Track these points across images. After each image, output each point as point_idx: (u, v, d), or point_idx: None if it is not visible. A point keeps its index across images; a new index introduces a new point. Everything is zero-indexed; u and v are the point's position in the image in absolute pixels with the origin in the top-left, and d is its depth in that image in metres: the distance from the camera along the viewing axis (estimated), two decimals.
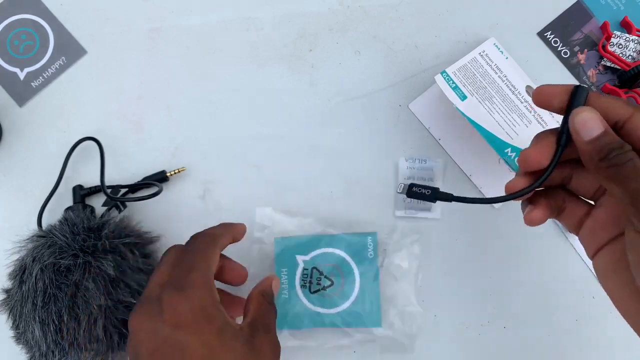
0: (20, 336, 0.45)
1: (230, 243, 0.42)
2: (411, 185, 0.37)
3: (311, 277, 0.49)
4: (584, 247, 0.35)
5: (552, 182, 0.35)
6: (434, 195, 0.36)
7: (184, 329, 0.33)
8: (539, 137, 0.34)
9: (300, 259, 0.50)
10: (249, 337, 0.36)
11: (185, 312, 0.34)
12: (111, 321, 0.44)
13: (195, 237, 0.40)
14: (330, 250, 0.50)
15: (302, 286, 0.49)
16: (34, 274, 0.43)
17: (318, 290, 0.49)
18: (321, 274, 0.49)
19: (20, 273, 0.44)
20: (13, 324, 0.45)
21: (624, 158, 0.28)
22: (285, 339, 0.49)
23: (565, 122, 0.32)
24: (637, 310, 0.30)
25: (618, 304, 0.32)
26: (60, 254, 0.43)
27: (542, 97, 0.33)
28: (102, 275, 0.43)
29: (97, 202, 0.52)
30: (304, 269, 0.49)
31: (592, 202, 0.35)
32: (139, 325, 0.35)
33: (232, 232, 0.42)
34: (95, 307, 0.43)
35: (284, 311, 0.49)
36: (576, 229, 0.35)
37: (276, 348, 0.38)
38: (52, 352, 0.43)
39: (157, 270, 0.38)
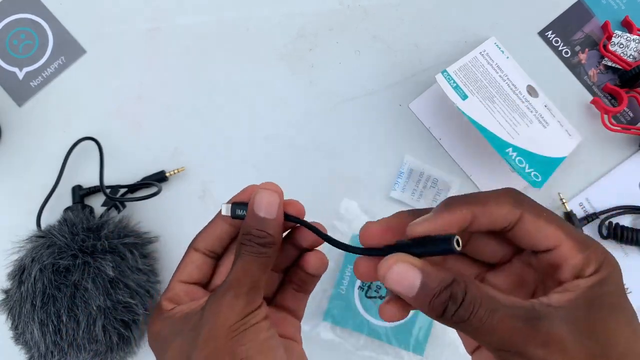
0: (20, 337, 0.45)
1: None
2: (235, 206, 0.28)
3: (371, 283, 0.50)
4: (464, 342, 0.31)
5: None
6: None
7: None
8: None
9: None
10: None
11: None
12: (110, 322, 0.43)
13: None
14: None
15: (360, 288, 0.50)
16: (33, 275, 0.43)
17: (374, 298, 0.50)
18: None
19: (19, 273, 0.44)
20: (12, 324, 0.45)
21: (464, 314, 0.22)
22: (325, 330, 0.49)
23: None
24: None
25: None
26: (59, 254, 0.43)
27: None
28: (102, 275, 0.43)
29: (97, 202, 0.52)
30: None
31: None
32: None
33: (222, 220, 0.33)
34: (94, 307, 0.42)
35: (334, 304, 0.49)
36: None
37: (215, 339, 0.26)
38: (51, 352, 0.43)
39: None
